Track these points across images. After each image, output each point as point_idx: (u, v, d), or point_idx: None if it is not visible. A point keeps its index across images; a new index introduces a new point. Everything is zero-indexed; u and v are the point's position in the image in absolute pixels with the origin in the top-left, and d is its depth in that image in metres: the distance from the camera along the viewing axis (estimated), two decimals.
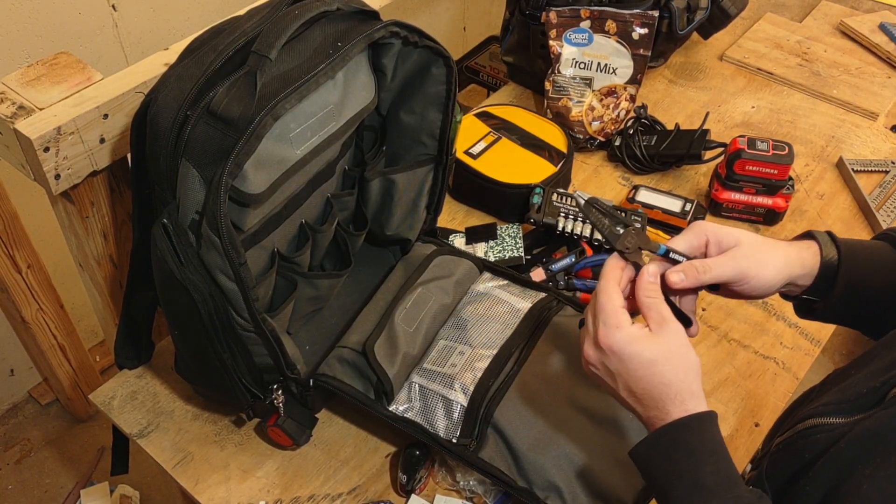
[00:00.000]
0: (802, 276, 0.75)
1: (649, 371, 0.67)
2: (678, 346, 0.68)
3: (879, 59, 1.61)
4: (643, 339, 0.68)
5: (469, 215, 1.27)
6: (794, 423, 0.68)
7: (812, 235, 0.77)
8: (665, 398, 0.67)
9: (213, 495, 0.92)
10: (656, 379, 0.67)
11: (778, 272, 0.74)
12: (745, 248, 0.73)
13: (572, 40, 1.36)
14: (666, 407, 0.67)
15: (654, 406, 0.68)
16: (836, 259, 0.74)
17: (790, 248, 0.76)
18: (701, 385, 0.68)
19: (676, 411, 0.66)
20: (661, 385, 0.67)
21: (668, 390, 0.67)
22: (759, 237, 0.75)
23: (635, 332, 0.68)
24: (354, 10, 0.83)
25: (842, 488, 0.57)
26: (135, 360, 1.02)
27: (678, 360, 0.67)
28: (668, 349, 0.67)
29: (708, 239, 0.75)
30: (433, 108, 0.97)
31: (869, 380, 0.63)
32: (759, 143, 1.22)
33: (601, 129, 1.37)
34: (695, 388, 0.67)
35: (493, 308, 1.03)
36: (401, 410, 0.93)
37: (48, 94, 0.88)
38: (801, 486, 0.60)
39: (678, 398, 0.67)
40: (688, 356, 0.68)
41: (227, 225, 0.73)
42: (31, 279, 1.65)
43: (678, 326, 0.69)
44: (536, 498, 0.87)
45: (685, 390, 0.67)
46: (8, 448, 1.96)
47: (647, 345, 0.67)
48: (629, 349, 0.68)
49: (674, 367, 0.67)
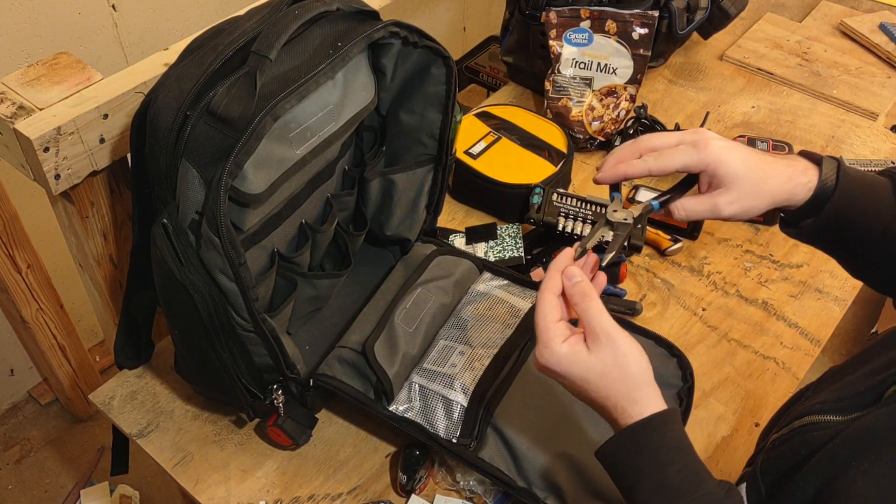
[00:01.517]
0: (788, 205, 0.74)
1: (585, 387, 0.67)
2: (612, 358, 0.66)
3: (879, 59, 1.61)
4: (574, 358, 0.67)
5: (469, 215, 1.27)
6: (791, 420, 0.68)
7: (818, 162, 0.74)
8: (608, 409, 0.67)
9: (213, 495, 0.92)
10: (594, 394, 0.67)
11: (759, 207, 0.73)
12: (732, 193, 0.72)
13: (572, 40, 1.36)
14: (613, 416, 0.67)
15: (605, 414, 0.68)
16: (831, 188, 0.72)
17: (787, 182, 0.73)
18: (650, 385, 0.67)
19: (622, 418, 0.66)
20: (600, 399, 0.67)
21: (608, 402, 0.67)
22: (753, 170, 0.73)
23: (565, 351, 0.67)
24: (354, 10, 0.83)
25: (835, 484, 0.57)
26: (135, 360, 1.02)
27: (616, 373, 0.66)
28: (602, 365, 0.66)
29: (706, 165, 0.72)
30: (433, 108, 0.97)
31: (867, 378, 0.63)
32: (759, 143, 1.22)
33: (601, 129, 1.37)
34: (638, 395, 0.66)
35: (493, 308, 1.03)
36: (401, 410, 0.93)
37: (48, 94, 0.88)
38: (795, 482, 0.60)
39: (618, 408, 0.66)
40: (625, 367, 0.66)
41: (226, 225, 0.73)
42: (31, 279, 1.65)
43: (613, 335, 0.67)
44: (536, 498, 0.87)
45: (626, 399, 0.66)
46: (8, 448, 1.96)
47: (579, 365, 0.67)
48: (559, 369, 0.68)
49: (611, 380, 0.66)
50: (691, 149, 0.73)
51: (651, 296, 1.16)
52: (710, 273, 1.20)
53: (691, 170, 0.73)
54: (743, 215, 0.73)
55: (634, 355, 0.67)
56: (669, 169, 0.73)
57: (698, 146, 0.72)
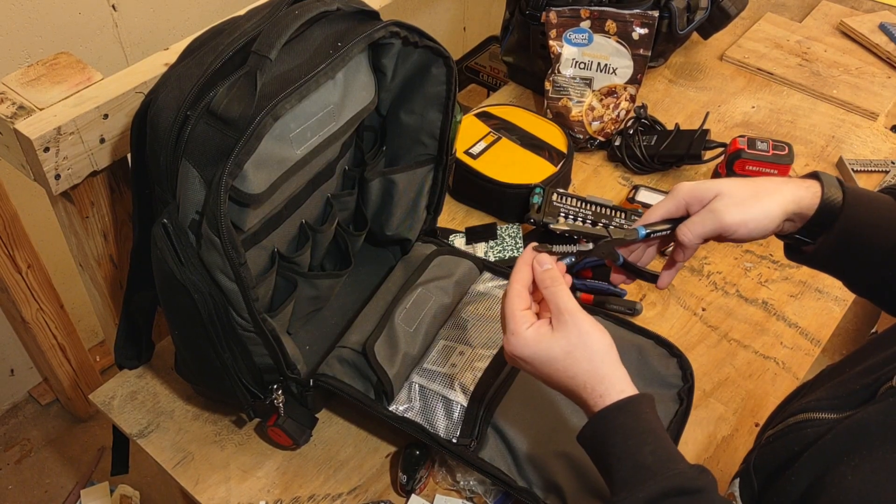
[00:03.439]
0: (798, 213, 0.74)
1: (552, 368, 0.69)
2: (576, 335, 0.68)
3: (879, 59, 1.61)
4: (539, 338, 0.69)
5: (469, 215, 1.27)
6: (786, 417, 0.68)
7: (817, 176, 0.75)
8: (577, 389, 0.68)
9: (213, 495, 0.92)
10: (562, 374, 0.69)
11: (768, 215, 0.73)
12: (725, 199, 0.73)
13: (572, 40, 1.36)
14: (582, 397, 0.68)
15: (576, 397, 0.69)
16: (839, 201, 0.73)
17: (786, 186, 0.74)
18: (615, 364, 0.69)
19: (591, 399, 0.68)
20: (567, 379, 0.69)
21: (576, 381, 0.68)
22: (746, 183, 0.74)
23: (531, 334, 0.69)
24: (354, 10, 0.83)
25: (826, 478, 0.57)
26: (135, 360, 1.02)
27: (580, 352, 0.68)
28: (566, 343, 0.68)
29: (686, 201, 0.75)
30: (433, 108, 0.97)
31: (862, 376, 0.63)
32: (759, 143, 1.22)
33: (601, 129, 1.37)
34: (604, 372, 0.68)
35: (493, 308, 1.03)
36: (401, 410, 0.93)
37: (48, 94, 0.88)
38: (787, 477, 0.61)
39: (588, 387, 0.68)
40: (588, 344, 0.68)
41: (227, 225, 0.73)
42: (31, 279, 1.65)
43: (577, 315, 0.69)
44: (536, 498, 0.87)
45: (593, 377, 0.68)
46: (8, 448, 1.96)
47: (544, 344, 0.69)
48: (527, 352, 0.69)
49: (576, 360, 0.68)
50: (667, 198, 0.77)
51: (651, 296, 1.16)
52: (710, 273, 1.20)
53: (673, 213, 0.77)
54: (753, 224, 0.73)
55: (596, 333, 0.69)
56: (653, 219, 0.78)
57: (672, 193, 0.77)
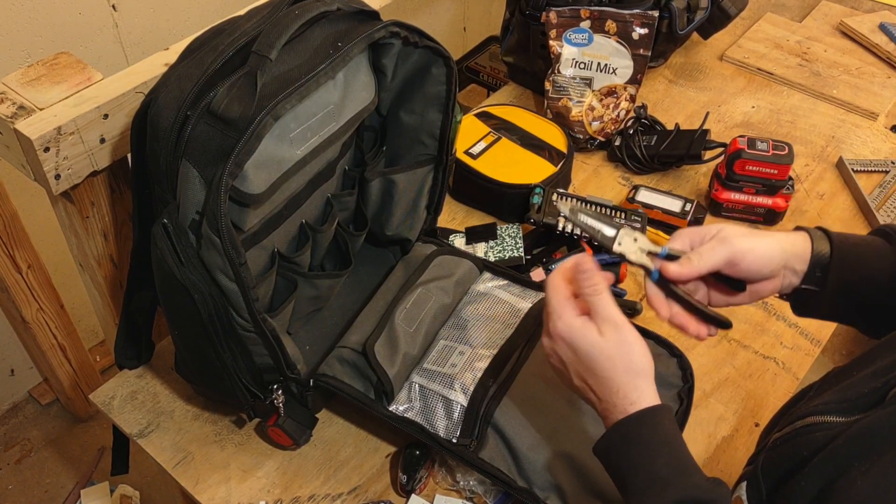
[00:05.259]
0: (797, 256, 0.75)
1: (589, 364, 0.70)
2: (619, 346, 0.69)
3: (879, 59, 1.61)
4: (586, 330, 0.70)
5: (469, 215, 1.27)
6: (793, 420, 0.68)
7: (803, 229, 0.77)
8: (609, 391, 0.69)
9: (214, 495, 0.92)
10: (597, 372, 0.70)
11: (771, 247, 0.74)
12: (728, 230, 0.75)
13: (572, 40, 1.36)
14: (612, 399, 0.69)
15: (605, 397, 0.70)
16: (827, 253, 0.75)
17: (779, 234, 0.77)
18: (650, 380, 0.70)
19: (622, 404, 0.68)
20: (603, 378, 0.69)
21: (609, 385, 0.69)
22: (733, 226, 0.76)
23: (579, 323, 0.71)
24: (354, 10, 0.83)
25: (836, 484, 0.57)
26: (135, 360, 1.02)
27: (619, 360, 0.69)
28: (609, 348, 0.69)
29: (690, 238, 0.76)
30: (433, 108, 0.97)
31: (870, 380, 0.63)
32: (759, 143, 1.22)
33: (601, 129, 1.37)
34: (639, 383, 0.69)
35: (493, 308, 1.03)
36: (401, 410, 0.93)
37: (48, 94, 0.88)
38: (796, 482, 0.61)
39: (621, 393, 0.68)
40: (630, 358, 0.69)
41: (227, 225, 0.73)
42: (31, 279, 1.65)
43: (622, 327, 0.69)
44: (536, 498, 0.87)
45: (628, 387, 0.69)
46: (8, 448, 1.96)
47: (589, 338, 0.70)
48: (570, 336, 0.70)
49: (614, 366, 0.69)
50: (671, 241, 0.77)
51: None
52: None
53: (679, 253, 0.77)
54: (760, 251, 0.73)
55: (639, 347, 0.70)
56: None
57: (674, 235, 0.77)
